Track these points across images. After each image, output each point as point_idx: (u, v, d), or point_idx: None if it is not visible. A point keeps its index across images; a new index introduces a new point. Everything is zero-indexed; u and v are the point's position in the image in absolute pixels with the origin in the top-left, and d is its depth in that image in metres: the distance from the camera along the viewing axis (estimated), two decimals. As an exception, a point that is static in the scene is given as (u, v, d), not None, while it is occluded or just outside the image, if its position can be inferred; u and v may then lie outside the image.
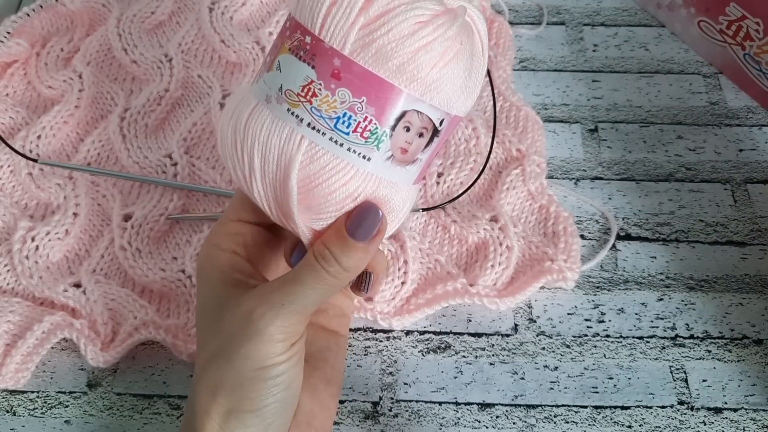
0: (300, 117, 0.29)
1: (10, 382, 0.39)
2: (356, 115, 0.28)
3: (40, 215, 0.46)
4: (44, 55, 0.52)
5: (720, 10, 0.48)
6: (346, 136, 0.29)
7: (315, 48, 0.28)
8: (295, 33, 0.29)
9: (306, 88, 0.28)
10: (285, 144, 0.29)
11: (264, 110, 0.29)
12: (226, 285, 0.31)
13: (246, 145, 0.29)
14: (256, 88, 0.30)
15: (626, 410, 0.38)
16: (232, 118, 0.30)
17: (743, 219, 0.45)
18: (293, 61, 0.29)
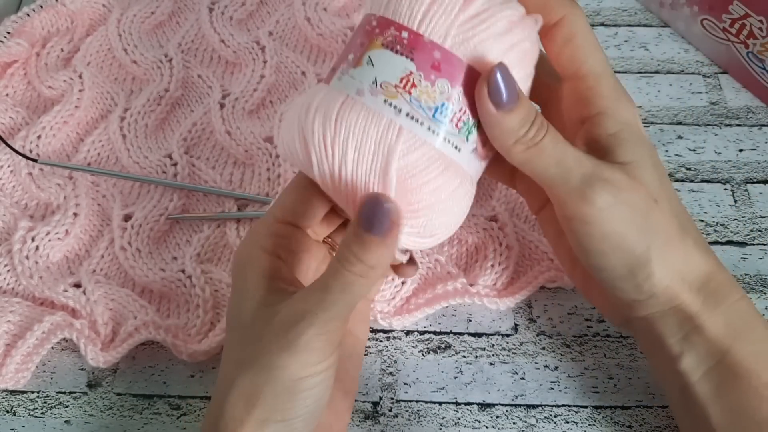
0: (398, 107, 0.29)
1: (10, 382, 0.39)
2: (453, 105, 0.30)
3: (40, 215, 0.46)
4: (44, 55, 0.52)
5: (723, 8, 0.48)
6: (442, 125, 0.30)
7: (414, 42, 0.30)
8: (388, 30, 0.30)
9: (405, 80, 0.29)
10: (383, 134, 0.29)
11: (357, 103, 0.30)
12: (266, 291, 0.31)
13: (339, 138, 0.29)
14: (340, 85, 0.30)
15: (626, 410, 0.38)
16: (317, 113, 0.30)
17: (743, 219, 0.45)
18: (388, 55, 0.30)
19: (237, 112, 0.49)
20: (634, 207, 0.31)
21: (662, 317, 0.32)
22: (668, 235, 0.32)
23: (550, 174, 0.30)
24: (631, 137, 0.32)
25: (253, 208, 0.45)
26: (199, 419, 0.38)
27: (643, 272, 0.31)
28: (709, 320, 0.31)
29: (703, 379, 0.32)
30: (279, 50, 0.51)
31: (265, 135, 0.47)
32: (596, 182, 0.30)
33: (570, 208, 0.30)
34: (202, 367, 0.40)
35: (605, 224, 0.30)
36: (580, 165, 0.30)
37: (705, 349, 0.32)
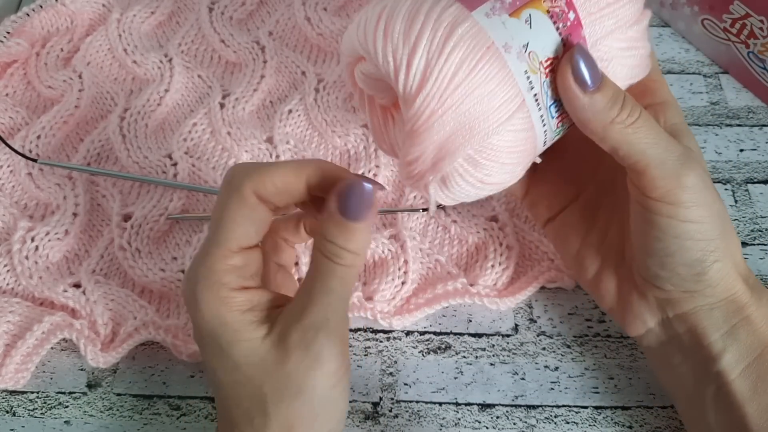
0: (532, 85, 0.28)
1: (9, 382, 0.39)
2: (563, 108, 0.30)
3: (40, 215, 0.45)
4: (44, 54, 0.52)
5: (724, 8, 0.48)
6: (551, 119, 0.30)
7: (573, 29, 0.28)
8: (560, 0, 0.28)
9: (550, 61, 0.29)
10: (508, 103, 0.28)
11: (500, 58, 0.28)
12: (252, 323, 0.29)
13: (463, 87, 0.27)
14: (491, 25, 0.28)
15: (627, 411, 0.38)
16: (460, 42, 0.27)
17: (744, 219, 0.45)
18: (549, 26, 0.28)
19: (237, 113, 0.49)
20: (713, 191, 0.31)
21: (711, 310, 0.32)
22: (730, 224, 0.32)
23: (649, 154, 0.30)
24: (688, 131, 0.33)
25: (253, 208, 0.45)
26: (199, 420, 0.38)
27: (711, 258, 0.31)
28: (757, 311, 0.32)
29: (741, 376, 0.32)
30: (279, 50, 0.51)
31: (265, 135, 0.47)
32: (689, 164, 0.30)
33: (661, 190, 0.30)
34: (202, 368, 0.40)
35: (691, 208, 0.30)
36: (675, 146, 0.30)
37: (748, 342, 0.32)
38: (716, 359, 0.32)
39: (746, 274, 0.33)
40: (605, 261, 0.36)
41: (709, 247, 0.31)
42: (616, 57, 0.30)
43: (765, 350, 0.32)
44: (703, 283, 0.32)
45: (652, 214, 0.31)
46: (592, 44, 0.29)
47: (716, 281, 0.32)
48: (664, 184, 0.30)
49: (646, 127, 0.30)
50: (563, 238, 0.38)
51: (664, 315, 0.34)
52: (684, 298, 0.33)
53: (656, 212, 0.31)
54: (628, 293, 0.35)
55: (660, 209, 0.30)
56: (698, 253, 0.31)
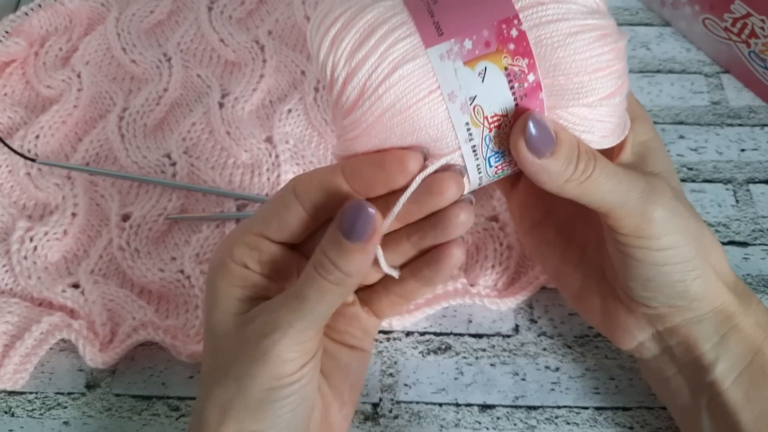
0: (471, 137, 0.28)
1: (8, 383, 0.39)
2: (508, 157, 0.29)
3: (39, 215, 0.45)
4: (43, 54, 0.52)
5: (725, 7, 0.48)
6: (488, 168, 0.29)
7: (531, 91, 0.27)
8: (522, 59, 0.27)
9: (497, 118, 0.28)
10: (439, 142, 0.28)
11: (442, 106, 0.27)
12: (236, 300, 0.30)
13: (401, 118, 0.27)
14: (442, 68, 0.27)
15: (628, 411, 0.38)
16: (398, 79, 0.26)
17: (745, 219, 0.44)
18: (503, 84, 0.27)
19: (236, 112, 0.48)
20: (683, 216, 0.31)
21: (699, 322, 0.32)
22: (708, 239, 0.32)
23: (608, 201, 0.30)
24: (659, 147, 0.33)
25: (252, 208, 0.45)
26: (198, 420, 0.38)
27: (692, 276, 0.31)
28: (745, 319, 0.32)
29: (734, 385, 0.32)
30: (278, 49, 0.51)
31: (265, 135, 0.47)
32: (653, 198, 0.30)
33: (628, 227, 0.30)
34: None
35: (663, 237, 0.30)
36: (634, 186, 0.30)
37: (739, 350, 0.32)
38: (709, 369, 0.32)
39: (733, 281, 0.33)
40: (586, 278, 0.36)
41: (688, 267, 0.31)
42: (579, 126, 0.29)
43: (755, 357, 0.32)
44: (687, 299, 0.32)
45: (625, 247, 0.31)
46: (549, 108, 0.28)
47: (701, 295, 0.32)
48: (631, 222, 0.30)
49: (603, 176, 0.29)
50: (542, 253, 0.38)
51: (654, 329, 0.34)
52: (671, 313, 0.33)
53: (629, 245, 0.31)
54: (615, 310, 0.35)
55: (632, 242, 0.31)
56: (678, 275, 0.31)
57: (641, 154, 0.32)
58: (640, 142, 0.33)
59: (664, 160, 0.33)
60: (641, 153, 0.32)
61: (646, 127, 0.33)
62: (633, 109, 0.33)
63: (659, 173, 0.32)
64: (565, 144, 0.28)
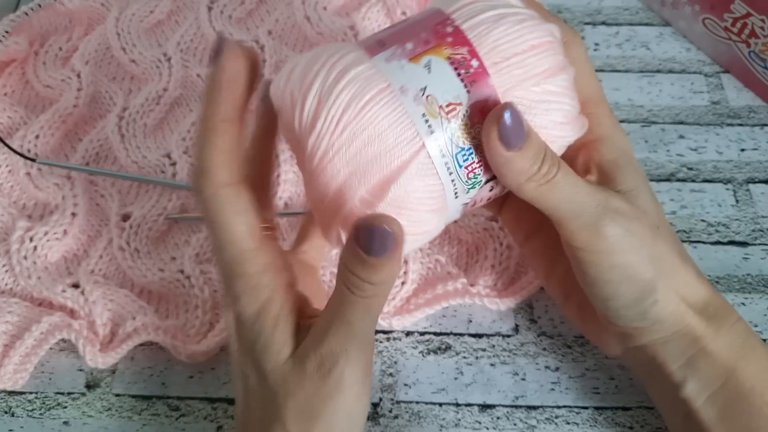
0: (432, 128, 0.28)
1: (8, 383, 0.39)
2: (475, 156, 0.28)
3: (39, 215, 0.45)
4: (42, 54, 0.52)
5: (725, 7, 0.48)
6: (458, 168, 0.28)
7: (478, 76, 0.28)
8: (461, 47, 0.28)
9: (451, 107, 0.28)
10: (402, 143, 0.27)
11: (396, 100, 0.27)
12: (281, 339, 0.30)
13: (355, 124, 0.27)
14: (387, 68, 0.28)
15: (628, 411, 0.38)
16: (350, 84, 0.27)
17: (745, 219, 0.44)
18: (449, 72, 0.28)
19: (236, 112, 0.48)
20: (641, 237, 0.31)
21: (665, 343, 0.32)
22: (671, 261, 0.32)
23: (562, 209, 0.30)
24: (628, 164, 0.32)
25: (252, 208, 0.45)
26: (198, 420, 0.38)
27: (650, 298, 0.31)
28: (713, 342, 0.32)
29: (707, 403, 0.32)
30: (278, 49, 0.51)
31: (264, 134, 0.47)
32: (607, 214, 0.30)
33: (580, 241, 0.30)
34: (201, 368, 0.40)
35: (615, 255, 0.30)
36: (591, 198, 0.30)
37: (709, 372, 0.32)
38: (679, 387, 0.32)
39: (703, 304, 0.32)
40: (568, 293, 0.37)
41: (646, 289, 0.31)
42: (534, 109, 0.29)
43: (728, 380, 0.32)
44: (648, 321, 0.32)
45: (580, 262, 0.31)
46: (503, 93, 0.28)
47: (661, 318, 0.32)
48: (582, 236, 0.30)
49: (563, 182, 0.29)
50: (534, 264, 0.38)
51: (624, 346, 0.34)
52: (637, 333, 0.33)
53: (583, 260, 0.31)
54: (592, 324, 0.36)
55: (585, 257, 0.30)
56: (633, 295, 0.31)
57: (609, 173, 0.32)
58: (608, 160, 0.32)
59: (634, 177, 0.32)
60: (610, 171, 0.32)
61: (611, 147, 0.33)
62: (604, 122, 0.33)
63: (629, 191, 0.31)
64: (535, 142, 0.28)
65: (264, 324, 0.29)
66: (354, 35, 0.50)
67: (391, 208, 0.28)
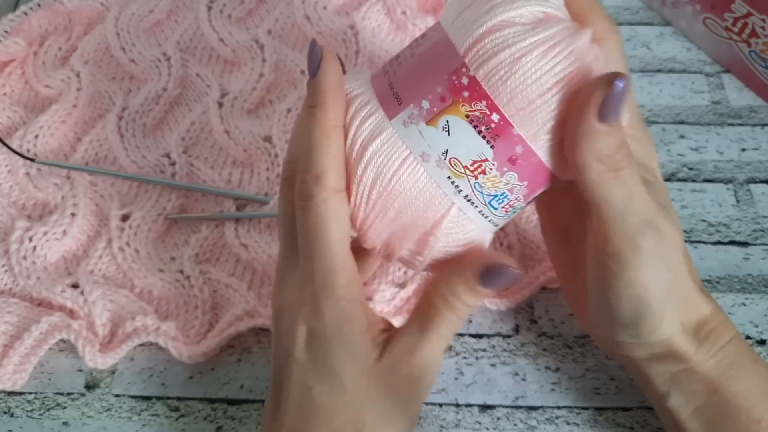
0: (459, 188, 0.28)
1: (7, 383, 0.39)
2: (511, 195, 0.29)
3: (38, 215, 0.45)
4: (42, 53, 0.52)
5: (725, 7, 0.48)
6: (494, 210, 0.29)
7: (501, 130, 0.27)
8: (478, 102, 0.27)
9: (477, 164, 0.27)
10: (433, 206, 0.28)
11: (419, 168, 0.28)
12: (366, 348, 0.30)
13: (386, 196, 0.28)
14: (408, 134, 0.28)
15: (628, 411, 0.38)
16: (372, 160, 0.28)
17: (746, 219, 0.44)
18: (470, 131, 0.27)
19: (236, 111, 0.48)
20: (669, 265, 0.30)
21: (650, 360, 0.32)
22: (685, 289, 0.31)
23: (614, 207, 0.28)
24: (654, 180, 0.31)
25: (251, 207, 0.45)
26: (198, 421, 0.38)
27: (649, 326, 0.31)
28: (701, 363, 0.31)
29: (693, 416, 0.32)
30: (278, 48, 0.51)
31: (264, 134, 0.47)
32: (651, 231, 0.29)
33: (614, 246, 0.29)
34: (201, 369, 0.40)
35: (638, 272, 0.29)
36: (646, 208, 0.29)
37: (693, 389, 0.32)
38: (664, 398, 0.33)
39: (700, 323, 0.32)
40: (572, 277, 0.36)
41: (650, 316, 0.30)
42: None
43: (713, 397, 0.31)
44: (641, 340, 0.31)
45: (602, 267, 0.30)
46: (530, 138, 0.27)
47: (652, 342, 0.31)
48: (618, 241, 0.29)
49: (627, 178, 0.28)
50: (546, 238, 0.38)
51: (612, 354, 0.34)
52: (623, 345, 0.32)
53: (606, 266, 0.30)
54: (589, 323, 0.35)
55: (609, 263, 0.29)
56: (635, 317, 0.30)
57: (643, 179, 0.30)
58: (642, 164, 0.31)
59: (664, 193, 0.31)
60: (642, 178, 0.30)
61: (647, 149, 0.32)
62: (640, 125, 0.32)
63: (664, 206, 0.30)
64: (621, 127, 0.27)
65: (348, 336, 0.30)
66: (354, 35, 0.50)
67: (437, 253, 0.30)
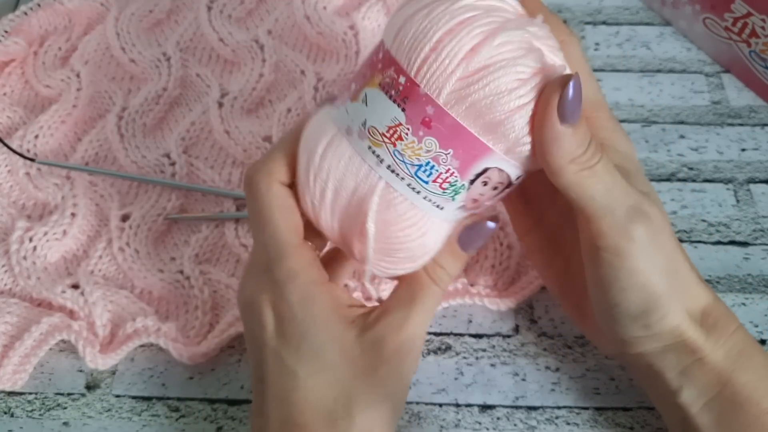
0: (381, 157, 0.28)
1: (7, 383, 0.39)
2: (439, 166, 0.28)
3: (38, 215, 0.45)
4: (42, 54, 0.52)
5: (725, 7, 0.48)
6: (424, 184, 0.28)
7: (408, 91, 0.27)
8: (389, 69, 0.28)
9: (392, 130, 0.27)
10: (362, 182, 0.28)
11: (343, 142, 0.28)
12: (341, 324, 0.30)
13: (320, 176, 0.29)
14: (337, 115, 0.29)
15: (628, 411, 0.38)
16: (307, 143, 0.30)
17: (746, 219, 0.44)
18: (382, 98, 0.28)
19: (236, 111, 0.48)
20: (664, 247, 0.30)
21: (662, 353, 0.32)
22: (684, 273, 0.31)
23: (597, 201, 0.28)
24: (635, 169, 0.31)
25: (252, 208, 0.45)
26: (198, 421, 0.38)
27: (658, 313, 0.31)
28: (711, 353, 0.31)
29: (703, 410, 0.32)
30: (278, 49, 0.51)
31: (263, 134, 0.47)
32: (639, 217, 0.29)
33: (607, 239, 0.29)
34: (201, 369, 0.40)
35: (637, 260, 0.29)
36: (627, 196, 0.29)
37: (705, 381, 0.32)
38: (676, 393, 0.32)
39: (704, 312, 0.32)
40: (566, 292, 0.37)
41: (657, 302, 0.30)
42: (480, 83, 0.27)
43: (724, 388, 0.31)
44: (651, 332, 0.31)
45: (598, 263, 0.30)
46: (442, 98, 0.27)
47: (663, 332, 0.31)
48: (610, 235, 0.29)
49: (603, 172, 0.28)
50: (537, 255, 0.38)
51: (620, 351, 0.34)
52: (635, 341, 0.32)
53: (602, 261, 0.30)
54: (590, 325, 0.35)
55: (605, 258, 0.29)
56: (642, 306, 0.30)
57: (624, 168, 0.30)
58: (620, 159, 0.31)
59: (643, 182, 0.31)
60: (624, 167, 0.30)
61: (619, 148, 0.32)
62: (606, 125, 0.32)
63: (646, 195, 0.30)
64: (584, 123, 0.27)
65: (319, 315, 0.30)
66: (354, 35, 0.50)
67: (382, 244, 0.29)
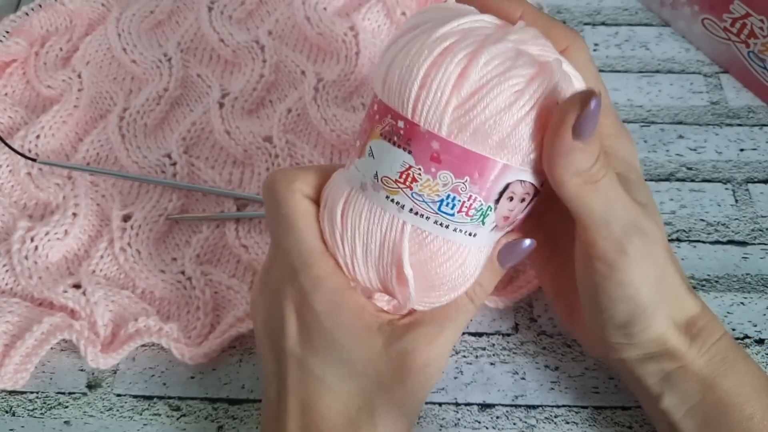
0: (401, 203, 0.28)
1: (8, 382, 0.39)
2: (460, 196, 0.28)
3: (39, 215, 0.45)
4: (43, 54, 0.52)
5: (724, 7, 0.48)
6: (450, 217, 0.28)
7: (410, 132, 0.27)
8: (385, 117, 0.28)
9: (404, 174, 0.28)
10: (387, 232, 0.28)
11: (360, 198, 0.29)
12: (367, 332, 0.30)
13: (346, 235, 0.29)
14: (349, 175, 0.30)
15: (627, 411, 0.38)
16: (326, 207, 0.30)
17: (744, 218, 0.45)
18: (387, 146, 0.28)
19: (236, 112, 0.48)
20: (656, 260, 0.30)
21: (643, 361, 0.32)
22: (673, 283, 0.32)
23: (596, 215, 0.28)
24: (636, 178, 0.32)
25: (252, 207, 0.45)
26: (199, 420, 0.38)
27: (641, 325, 0.31)
28: (693, 361, 0.32)
29: (687, 417, 0.32)
30: (278, 49, 0.51)
31: (264, 134, 0.47)
32: (635, 233, 0.29)
33: (601, 251, 0.29)
34: (202, 369, 0.40)
35: (627, 273, 0.29)
36: (627, 212, 0.29)
37: (687, 388, 0.32)
38: (658, 399, 0.33)
39: (690, 320, 0.32)
40: (559, 292, 0.37)
41: (642, 314, 0.30)
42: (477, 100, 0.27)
43: (707, 395, 0.31)
44: (633, 340, 0.32)
45: (591, 270, 0.30)
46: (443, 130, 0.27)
47: (644, 341, 0.31)
48: (604, 247, 0.29)
49: (606, 187, 0.28)
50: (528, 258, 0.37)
51: (606, 356, 0.34)
52: (616, 347, 0.32)
53: (594, 269, 0.30)
54: (578, 326, 0.36)
55: (598, 267, 0.30)
56: (627, 317, 0.31)
57: (625, 177, 0.30)
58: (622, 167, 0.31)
59: (644, 192, 0.31)
60: (625, 176, 0.31)
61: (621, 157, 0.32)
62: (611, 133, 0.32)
63: (644, 206, 0.30)
64: (597, 139, 0.27)
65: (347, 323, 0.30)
66: (354, 36, 0.51)
67: (422, 284, 0.30)
